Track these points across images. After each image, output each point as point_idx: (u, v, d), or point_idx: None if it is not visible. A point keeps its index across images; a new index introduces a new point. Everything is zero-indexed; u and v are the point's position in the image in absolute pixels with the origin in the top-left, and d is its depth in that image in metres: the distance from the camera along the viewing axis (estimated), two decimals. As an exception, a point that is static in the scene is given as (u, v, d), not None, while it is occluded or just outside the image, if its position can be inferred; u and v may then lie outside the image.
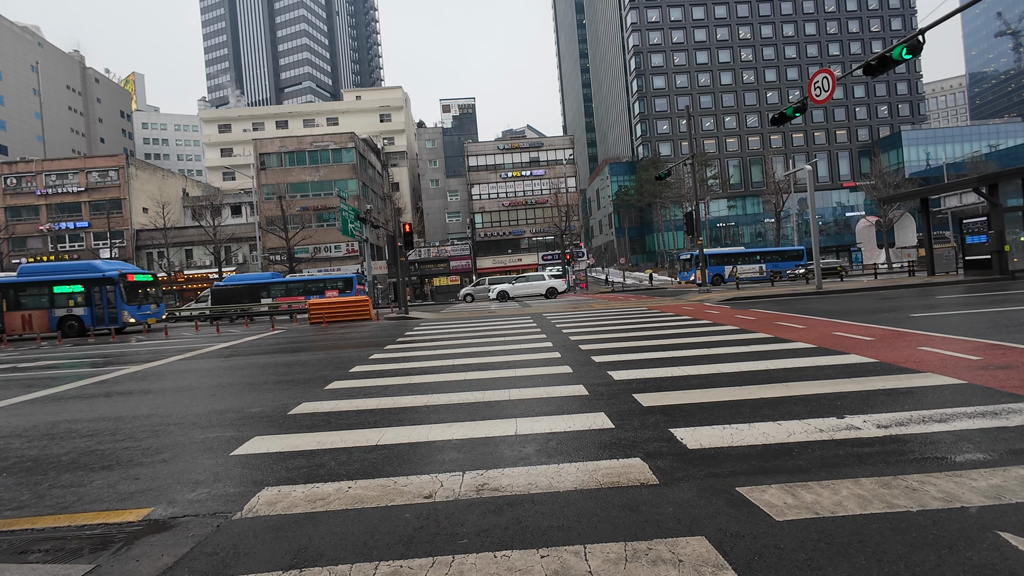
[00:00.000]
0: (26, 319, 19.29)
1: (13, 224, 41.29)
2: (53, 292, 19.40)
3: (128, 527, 2.69)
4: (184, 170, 79.43)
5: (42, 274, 19.94)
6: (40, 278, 19.66)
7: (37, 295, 19.47)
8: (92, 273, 19.63)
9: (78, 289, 19.45)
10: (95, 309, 19.35)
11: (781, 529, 2.21)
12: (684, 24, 62.18)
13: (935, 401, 4.02)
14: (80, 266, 20.40)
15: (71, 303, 19.43)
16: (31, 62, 62.23)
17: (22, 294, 19.47)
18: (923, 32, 9.73)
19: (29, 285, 19.56)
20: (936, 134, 58.72)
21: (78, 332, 19.40)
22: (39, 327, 19.35)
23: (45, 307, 19.40)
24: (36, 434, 4.85)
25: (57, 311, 19.35)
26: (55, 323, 19.29)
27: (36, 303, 19.45)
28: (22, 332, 19.39)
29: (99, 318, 19.36)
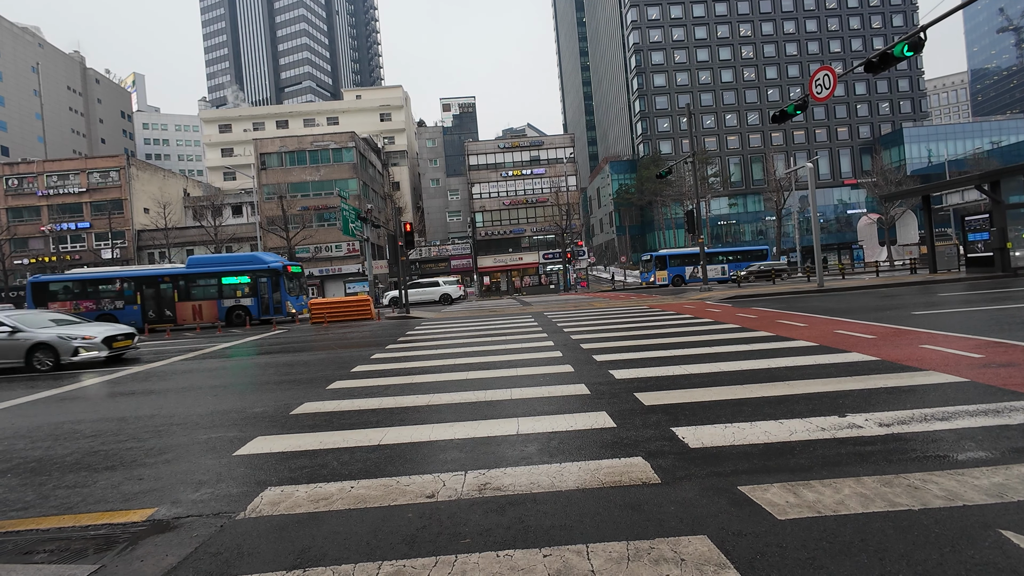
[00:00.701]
0: (196, 309, 19.93)
1: (15, 225, 41.37)
2: (222, 283, 20.11)
3: (132, 527, 2.71)
4: (185, 170, 79.51)
5: (210, 266, 20.55)
6: (209, 269, 20.32)
7: (206, 286, 20.17)
8: (257, 264, 20.32)
9: (245, 280, 20.15)
10: (261, 299, 20.00)
11: (783, 528, 2.22)
12: (684, 21, 62.01)
13: (937, 399, 4.02)
14: (245, 258, 21.08)
15: (238, 293, 20.13)
16: (32, 63, 62.28)
17: (192, 285, 20.13)
18: (924, 29, 9.69)
19: (199, 276, 20.21)
20: (938, 131, 58.51)
21: (244, 322, 20.03)
22: (209, 317, 20.00)
23: (214, 297, 20.07)
24: (40, 435, 4.87)
25: (226, 301, 20.00)
26: (223, 313, 19.95)
27: (205, 293, 20.11)
28: (192, 322, 20.04)
29: (264, 308, 20.04)
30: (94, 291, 19.98)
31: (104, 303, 19.88)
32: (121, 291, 20.02)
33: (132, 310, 19.84)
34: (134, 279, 20.17)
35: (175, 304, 19.94)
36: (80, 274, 20.83)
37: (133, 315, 19.76)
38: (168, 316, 19.96)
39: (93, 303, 19.81)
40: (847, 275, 28.49)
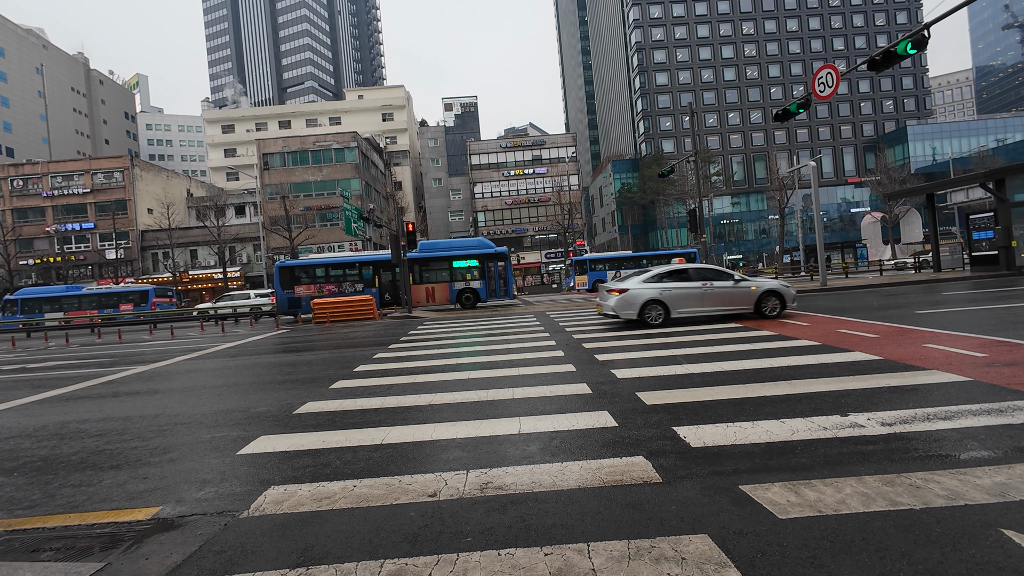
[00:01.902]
0: (429, 292, 20.71)
1: (20, 225, 41.61)
2: (453, 267, 20.79)
3: (137, 526, 2.73)
4: (188, 171, 79.81)
5: (442, 250, 21.30)
6: (442, 254, 21.06)
7: (439, 269, 20.84)
8: (486, 249, 20.98)
9: (474, 264, 20.81)
10: (489, 282, 20.60)
11: (784, 527, 2.22)
12: (687, 20, 61.83)
13: (940, 399, 4.01)
14: (473, 242, 21.67)
15: (468, 276, 20.80)
16: (36, 64, 62.62)
17: (425, 269, 20.82)
18: (928, 27, 9.63)
19: (432, 260, 20.90)
20: (942, 129, 58.15)
21: (473, 304, 20.57)
22: (441, 299, 20.73)
23: (446, 280, 20.79)
24: (46, 434, 4.92)
25: (456, 284, 20.72)
26: (454, 295, 20.67)
27: (437, 277, 20.84)
28: (426, 304, 20.79)
29: (491, 290, 20.70)
30: (336, 274, 20.75)
31: (345, 286, 20.66)
32: (360, 275, 20.77)
33: (370, 292, 20.58)
34: (372, 263, 20.91)
35: (410, 287, 20.46)
36: (323, 258, 21.50)
37: None
38: (403, 298, 20.41)
39: (336, 285, 20.62)
40: (850, 274, 28.38)
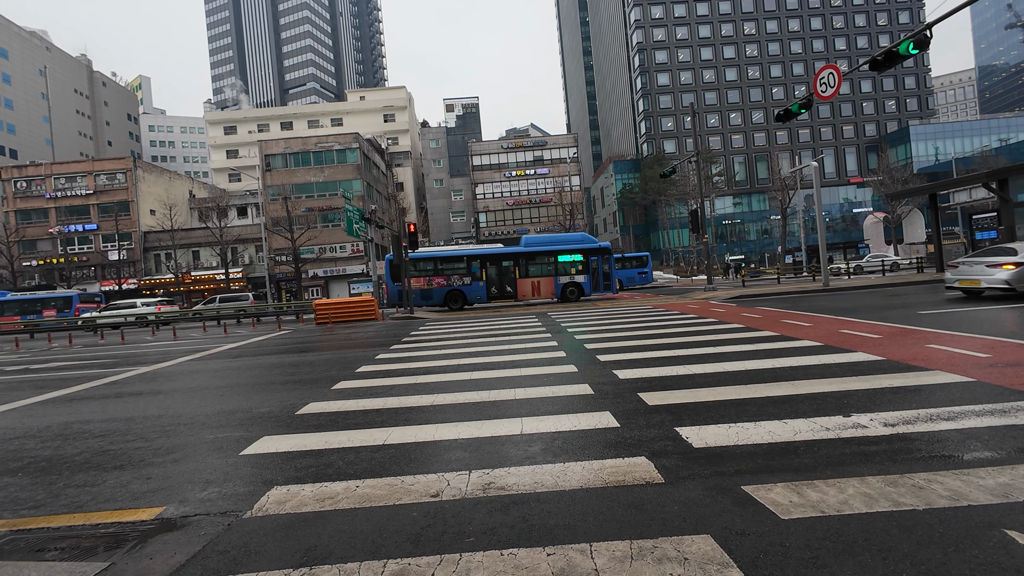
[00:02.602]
0: (535, 286, 20.92)
1: (23, 227, 41.79)
2: (558, 261, 20.95)
3: (141, 526, 2.74)
4: (190, 172, 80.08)
5: (547, 244, 21.42)
6: (548, 248, 21.20)
7: (544, 264, 21.05)
8: (590, 243, 21.12)
9: (578, 258, 20.98)
10: (592, 276, 20.81)
11: (787, 527, 2.22)
12: (688, 20, 61.82)
13: (943, 399, 4.00)
14: (576, 237, 21.68)
15: (573, 271, 20.95)
16: (39, 66, 62.92)
17: (531, 263, 21.04)
18: (931, 27, 9.62)
19: (538, 255, 21.10)
20: (945, 128, 58.01)
21: (577, 298, 20.81)
22: (546, 293, 20.93)
23: (551, 275, 20.97)
24: (50, 434, 4.94)
25: (561, 278, 20.88)
26: (559, 289, 20.84)
27: (543, 271, 21.05)
28: (531, 297, 20.96)
29: (595, 285, 20.85)
30: (444, 267, 20.96)
31: (453, 279, 20.84)
32: (468, 268, 20.92)
33: (478, 286, 20.81)
34: (479, 257, 21.07)
35: (516, 281, 20.87)
36: (432, 252, 21.66)
37: (479, 291, 20.80)
38: (509, 292, 20.86)
39: (444, 279, 20.83)
40: (852, 274, 28.31)
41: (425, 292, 20.66)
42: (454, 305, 20.69)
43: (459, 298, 20.75)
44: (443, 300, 20.72)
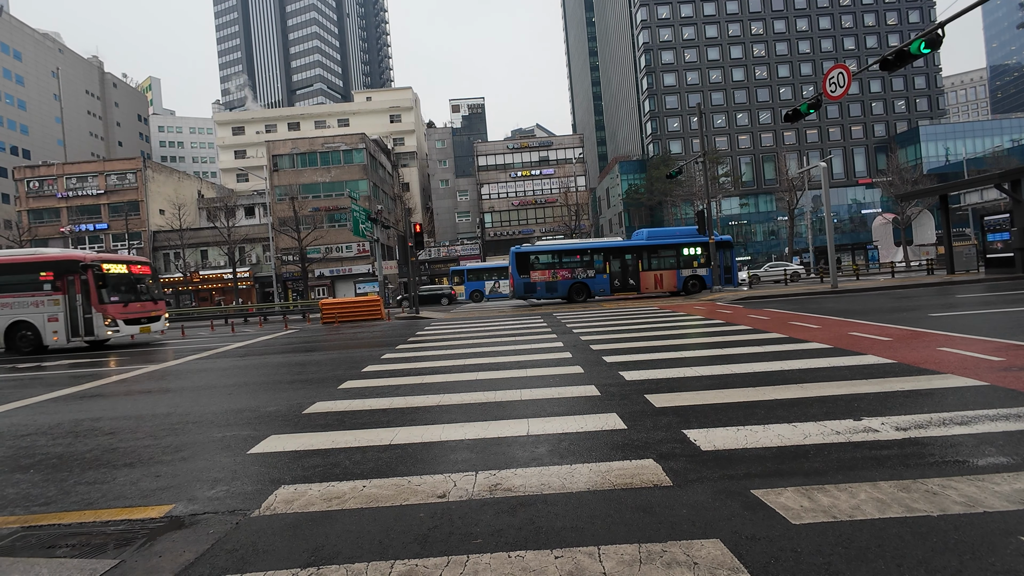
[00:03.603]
0: (657, 278, 21.13)
1: (36, 226, 42.34)
2: (681, 255, 21.12)
3: (150, 523, 2.76)
4: (199, 172, 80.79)
5: (669, 237, 21.71)
6: (670, 241, 21.45)
7: (666, 257, 21.23)
8: (704, 238, 21.11)
9: (699, 251, 21.13)
10: (714, 270, 20.85)
11: (798, 532, 2.19)
12: (695, 20, 61.52)
13: (956, 403, 3.94)
14: (692, 230, 21.84)
15: (695, 264, 21.18)
16: (52, 68, 63.75)
17: (654, 256, 21.23)
18: (942, 26, 9.51)
19: (660, 248, 21.31)
20: (956, 129, 57.28)
21: (698, 291, 21.06)
22: (668, 286, 21.13)
23: (673, 268, 21.18)
24: (61, 431, 4.99)
25: (683, 271, 21.11)
26: (681, 282, 21.06)
27: (665, 264, 21.22)
28: (654, 290, 21.19)
29: (716, 278, 20.85)
30: (569, 261, 21.09)
31: (577, 272, 21.05)
32: (592, 261, 21.05)
33: (601, 279, 21.02)
34: (603, 250, 21.21)
35: (639, 274, 21.05)
36: (557, 244, 21.93)
37: (602, 284, 21.02)
38: (631, 285, 21.01)
39: (568, 272, 21.02)
40: (861, 276, 28.03)
41: (550, 285, 20.85)
42: (578, 298, 20.81)
43: (583, 291, 20.89)
44: (567, 293, 20.82)
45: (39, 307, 13.59)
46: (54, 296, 13.60)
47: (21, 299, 13.59)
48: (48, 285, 13.61)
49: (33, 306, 13.59)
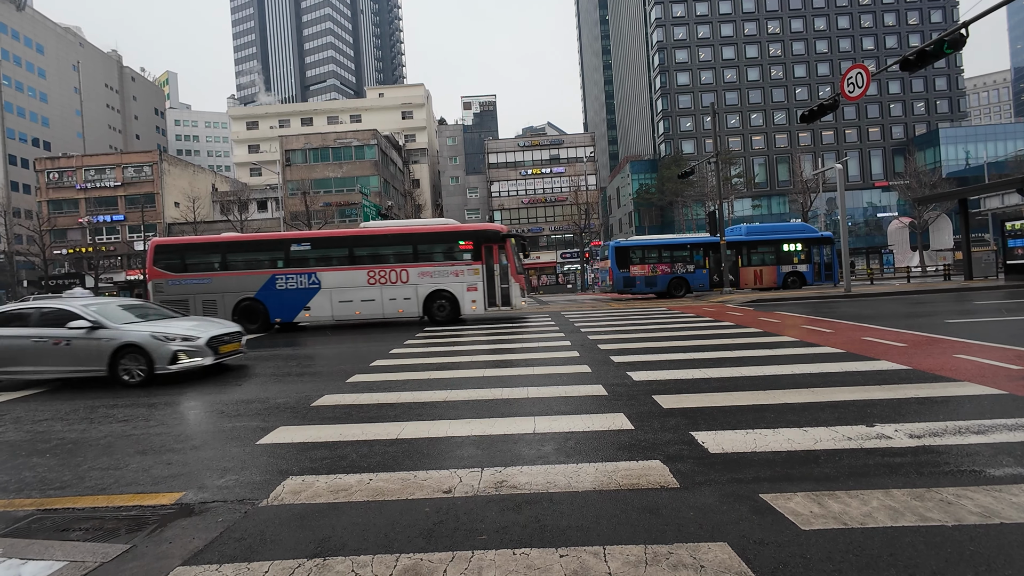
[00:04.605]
0: (757, 274, 21.01)
1: (55, 216, 43.22)
2: (781, 251, 20.98)
3: (161, 510, 2.81)
4: (213, 166, 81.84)
5: (770, 233, 21.57)
6: (770, 237, 21.31)
7: (766, 253, 21.15)
8: (811, 233, 21.14)
9: (801, 248, 20.95)
10: (814, 266, 20.79)
11: (807, 539, 2.16)
12: (710, 19, 60.78)
13: (972, 411, 3.86)
14: (797, 227, 21.85)
15: (795, 260, 20.97)
16: (73, 62, 64.91)
17: (753, 252, 21.17)
18: (966, 26, 9.27)
19: (760, 243, 21.24)
20: (977, 132, 55.99)
21: (799, 287, 20.85)
22: (768, 282, 20.96)
23: (773, 264, 20.99)
24: (76, 417, 5.09)
25: (783, 267, 20.86)
26: (781, 279, 20.87)
27: (765, 260, 21.12)
28: (753, 286, 21.02)
29: (817, 275, 20.78)
30: (668, 255, 20.97)
31: (677, 267, 20.92)
32: (691, 256, 20.95)
33: (701, 274, 20.85)
34: (703, 245, 21.06)
35: (738, 269, 20.93)
36: (657, 239, 21.86)
37: (702, 278, 20.80)
38: (731, 280, 20.69)
39: (668, 266, 20.91)
40: (876, 280, 27.56)
41: (649, 279, 20.72)
42: (677, 292, 20.65)
43: (682, 285, 20.71)
44: (666, 287, 20.65)
45: (459, 276, 13.73)
46: (474, 265, 13.72)
47: (441, 268, 13.78)
48: (468, 255, 13.78)
49: (453, 275, 13.74)
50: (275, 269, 13.81)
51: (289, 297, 13.66)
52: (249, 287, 13.71)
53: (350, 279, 13.73)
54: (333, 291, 13.69)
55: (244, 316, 13.56)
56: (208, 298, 13.57)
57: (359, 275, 13.73)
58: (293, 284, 13.70)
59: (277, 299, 13.68)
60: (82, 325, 6.56)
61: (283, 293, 13.69)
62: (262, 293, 13.71)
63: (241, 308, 13.62)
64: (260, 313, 13.67)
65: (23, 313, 6.94)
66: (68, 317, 6.66)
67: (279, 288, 13.68)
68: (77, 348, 6.54)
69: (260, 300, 13.68)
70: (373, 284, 13.70)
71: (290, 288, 13.69)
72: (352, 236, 14.23)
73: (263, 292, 13.71)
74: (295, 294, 13.69)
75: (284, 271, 13.77)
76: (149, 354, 6.48)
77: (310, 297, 13.67)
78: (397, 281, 13.71)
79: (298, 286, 13.70)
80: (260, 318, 13.66)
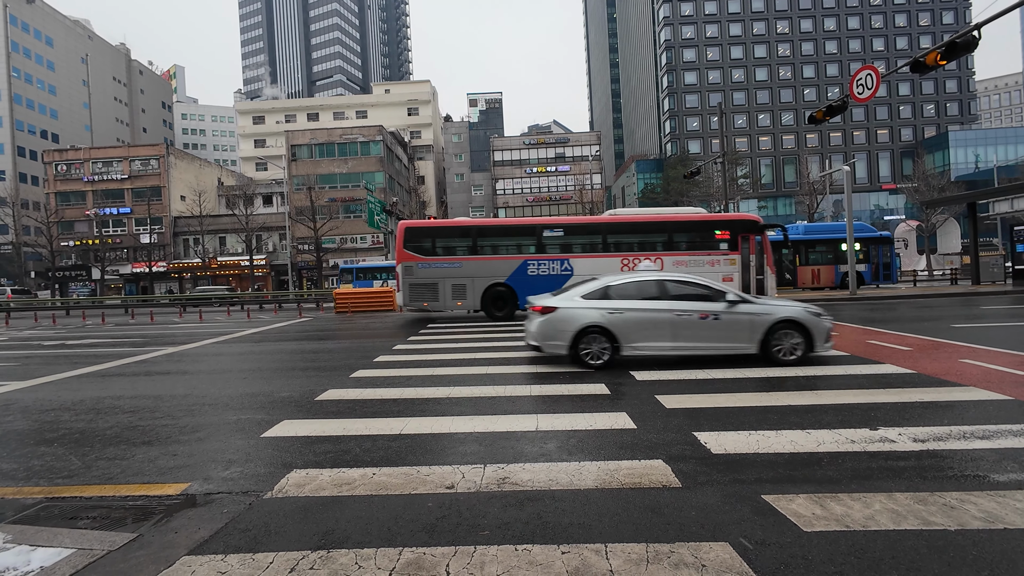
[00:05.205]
0: (815, 273, 20.74)
1: (62, 208, 43.53)
2: (839, 250, 20.46)
3: (167, 500, 2.84)
4: (219, 160, 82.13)
5: (826, 232, 21.29)
6: (828, 236, 20.98)
7: (823, 252, 20.86)
8: (870, 233, 20.92)
9: (859, 248, 20.40)
10: (873, 265, 20.53)
11: (809, 540, 2.16)
12: (719, 18, 60.38)
13: (977, 416, 3.84)
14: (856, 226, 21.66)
15: None
16: (81, 54, 65.25)
17: (811, 250, 20.90)
18: (978, 28, 9.18)
19: (817, 243, 20.96)
20: (987, 135, 55.44)
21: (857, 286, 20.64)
22: (826, 281, 20.66)
23: (831, 263, 20.69)
24: (83, 408, 5.15)
25: (842, 267, 20.35)
26: (839, 278, 20.54)
27: (822, 259, 20.84)
28: (811, 284, 20.66)
29: (875, 274, 20.56)
30: None
31: None
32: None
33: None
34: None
35: (796, 268, 20.74)
36: None
37: None
38: (787, 280, 20.54)
39: None
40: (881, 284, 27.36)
41: None
42: None
43: None
44: None
45: (714, 266, 13.30)
46: (730, 255, 13.33)
47: (696, 257, 13.40)
48: (724, 244, 13.40)
49: (708, 265, 13.31)
50: (527, 255, 13.47)
51: (540, 283, 13.15)
52: (500, 272, 13.35)
53: (603, 266, 13.12)
54: None
55: (492, 302, 13.33)
56: (458, 282, 13.32)
57: (612, 262, 13.28)
58: (545, 270, 13.35)
59: (527, 285, 13.21)
60: (732, 299, 6.08)
61: (534, 279, 13.29)
62: (513, 279, 13.33)
63: (490, 293, 13.34)
64: (508, 299, 13.37)
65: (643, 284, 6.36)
66: (707, 292, 6.19)
67: (530, 274, 13.37)
68: (726, 323, 6.00)
69: (510, 286, 13.35)
70: (625, 271, 13.50)
71: (541, 274, 13.32)
72: (607, 223, 13.84)
73: (513, 278, 13.33)
74: (547, 280, 13.21)
75: (536, 257, 13.43)
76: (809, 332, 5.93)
77: (561, 284, 13.26)
78: None
79: (550, 272, 13.33)
80: (508, 305, 13.37)
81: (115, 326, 16.78)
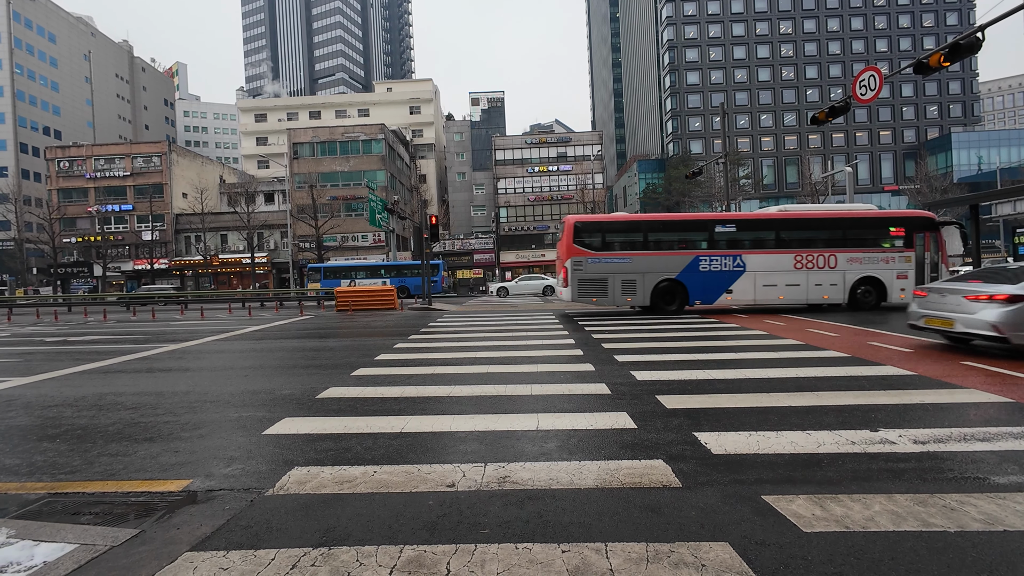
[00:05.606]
0: None
1: (65, 205, 43.61)
2: None
3: (169, 496, 2.85)
4: (221, 157, 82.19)
5: None
6: None
7: None
8: None
9: None
10: None
11: (809, 541, 2.17)
12: (721, 18, 60.27)
13: (978, 419, 3.84)
14: None
15: None
16: (84, 51, 65.33)
17: None
18: (982, 29, 9.16)
19: None
20: (990, 136, 55.29)
21: None
22: None
23: None
24: (85, 404, 5.17)
25: None
26: None
27: None
28: None
29: None
30: None
31: None
32: None
33: None
34: None
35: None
36: None
37: None
38: None
39: None
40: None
41: None
42: None
43: None
44: None
45: (888, 264, 13.29)
46: (905, 253, 13.35)
47: (871, 254, 13.31)
48: (899, 241, 13.44)
49: (883, 262, 13.29)
50: (699, 251, 13.39)
51: (712, 279, 13.21)
52: (671, 268, 13.27)
53: (777, 263, 13.21)
54: (758, 275, 13.23)
55: (662, 297, 13.30)
56: (628, 278, 13.24)
57: (786, 259, 13.21)
58: (717, 266, 13.26)
59: (699, 281, 13.22)
60: None
61: (706, 275, 13.21)
62: (684, 274, 13.24)
63: (660, 289, 13.27)
64: (678, 295, 13.29)
65: None
66: None
67: (702, 270, 13.25)
68: None
69: (681, 281, 13.27)
70: (799, 268, 13.23)
71: (713, 270, 13.23)
72: (780, 219, 13.75)
73: (685, 273, 13.24)
74: (718, 276, 13.22)
75: (709, 252, 13.32)
76: None
77: (733, 280, 13.25)
78: (824, 266, 13.22)
79: (722, 268, 13.25)
80: (677, 300, 13.32)
81: (116, 322, 16.83)
